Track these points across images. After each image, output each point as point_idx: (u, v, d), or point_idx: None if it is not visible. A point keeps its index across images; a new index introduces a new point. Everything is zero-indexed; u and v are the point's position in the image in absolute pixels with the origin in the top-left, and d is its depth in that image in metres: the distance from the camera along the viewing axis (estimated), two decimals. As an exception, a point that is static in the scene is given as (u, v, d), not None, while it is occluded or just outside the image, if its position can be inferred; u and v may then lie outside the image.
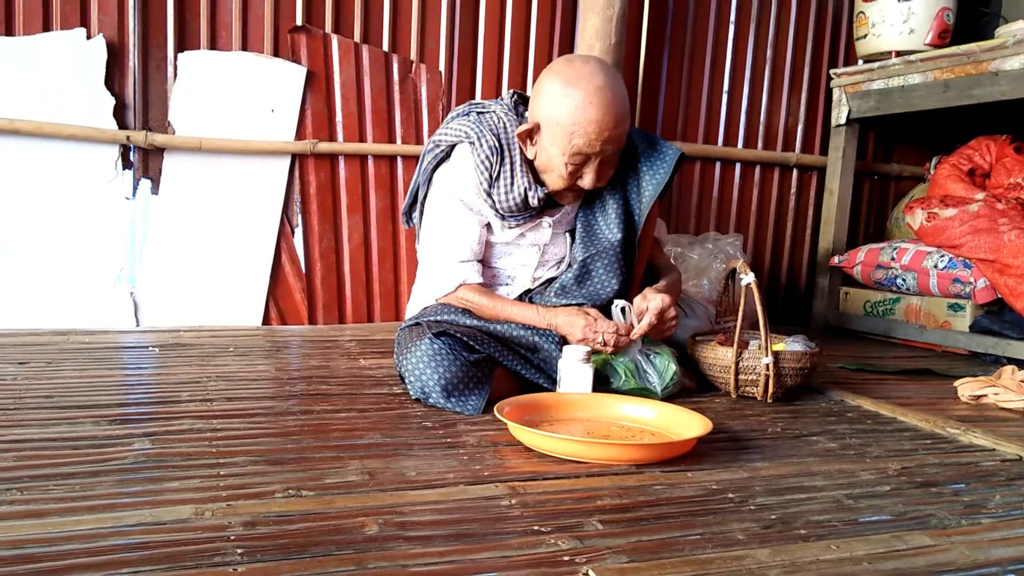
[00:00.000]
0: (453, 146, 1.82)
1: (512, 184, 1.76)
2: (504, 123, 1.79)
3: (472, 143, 1.77)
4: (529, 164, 1.78)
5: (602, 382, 1.69)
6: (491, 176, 1.76)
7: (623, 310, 1.73)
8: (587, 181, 1.73)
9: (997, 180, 2.83)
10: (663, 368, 1.72)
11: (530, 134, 1.73)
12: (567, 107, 1.65)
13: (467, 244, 1.81)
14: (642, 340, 1.74)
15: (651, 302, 1.71)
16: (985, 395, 1.91)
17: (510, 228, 1.83)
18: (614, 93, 1.66)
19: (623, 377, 1.68)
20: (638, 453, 1.31)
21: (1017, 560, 0.98)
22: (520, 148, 1.78)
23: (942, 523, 1.09)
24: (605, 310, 1.79)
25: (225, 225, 2.59)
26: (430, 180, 1.87)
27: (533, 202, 1.77)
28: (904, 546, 1.00)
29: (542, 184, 1.78)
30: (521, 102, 1.86)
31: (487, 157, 1.76)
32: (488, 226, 1.84)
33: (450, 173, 1.81)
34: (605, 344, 1.69)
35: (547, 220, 1.85)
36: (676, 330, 1.79)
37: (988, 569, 0.95)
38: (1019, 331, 2.49)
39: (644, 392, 1.68)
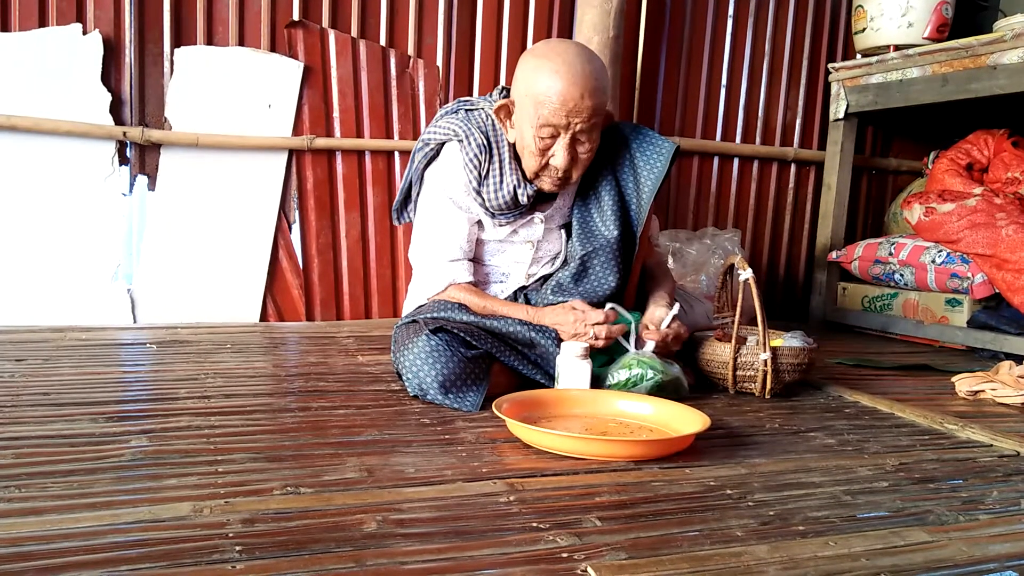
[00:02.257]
0: (442, 144, 1.81)
1: (501, 182, 1.76)
2: (493, 120, 1.79)
3: (460, 141, 1.77)
4: (518, 161, 1.78)
5: (627, 389, 1.67)
6: (480, 174, 1.76)
7: (614, 311, 1.73)
8: (559, 159, 1.70)
9: (995, 175, 2.83)
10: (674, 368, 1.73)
11: (508, 112, 1.74)
12: (534, 78, 1.66)
13: (456, 243, 1.81)
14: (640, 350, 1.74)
15: (675, 326, 1.74)
16: (983, 391, 1.91)
17: (501, 226, 1.83)
18: (583, 67, 1.65)
19: (661, 370, 1.66)
20: (636, 449, 1.31)
21: (1015, 556, 0.98)
22: (508, 144, 1.78)
23: (940, 519, 1.09)
24: (603, 307, 1.78)
25: (222, 221, 2.58)
26: (422, 179, 1.87)
27: (523, 199, 1.77)
28: (902, 542, 1.00)
29: (531, 181, 1.78)
30: None
31: (476, 155, 1.75)
32: (479, 224, 1.84)
33: (440, 172, 1.81)
34: (596, 338, 1.68)
35: (538, 216, 1.84)
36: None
37: (986, 565, 0.95)
38: (1017, 326, 2.49)
39: (675, 384, 1.68)
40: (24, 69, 2.37)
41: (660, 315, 1.76)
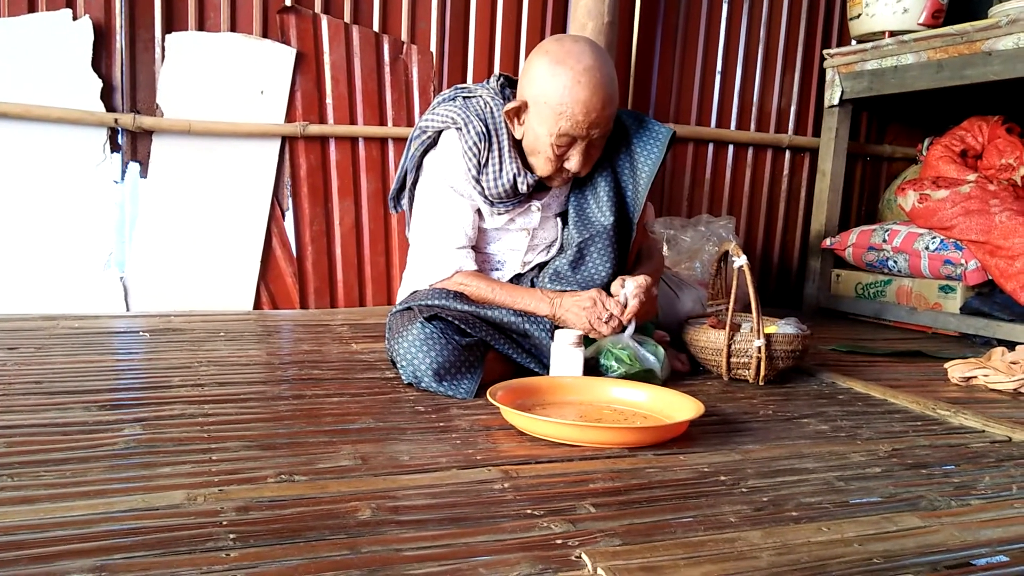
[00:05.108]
0: (440, 132, 1.80)
1: (501, 171, 1.75)
2: (491, 108, 1.77)
3: (459, 129, 1.76)
4: (518, 149, 1.77)
5: (599, 374, 1.68)
6: (479, 163, 1.75)
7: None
8: (573, 164, 1.72)
9: (989, 161, 2.84)
10: (654, 351, 1.72)
11: (517, 112, 1.72)
12: (555, 87, 1.64)
13: (461, 230, 1.80)
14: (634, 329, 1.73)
15: (630, 283, 1.70)
16: (975, 377, 1.92)
17: (499, 215, 1.82)
18: (602, 74, 1.64)
19: (628, 362, 1.66)
20: (630, 436, 1.31)
21: (1006, 541, 0.99)
22: (508, 133, 1.76)
23: (932, 504, 1.10)
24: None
25: (215, 209, 2.57)
26: (419, 166, 1.86)
27: (522, 188, 1.76)
28: (894, 527, 1.01)
29: (531, 169, 1.77)
30: (508, 84, 1.84)
31: (475, 144, 1.74)
32: (478, 212, 1.83)
33: (438, 160, 1.80)
34: (611, 319, 1.68)
35: (535, 204, 1.84)
36: (658, 311, 1.78)
37: (978, 550, 0.95)
38: (1009, 312, 2.50)
39: (647, 375, 1.68)
40: (14, 55, 2.34)
41: (617, 287, 1.72)
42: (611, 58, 2.60)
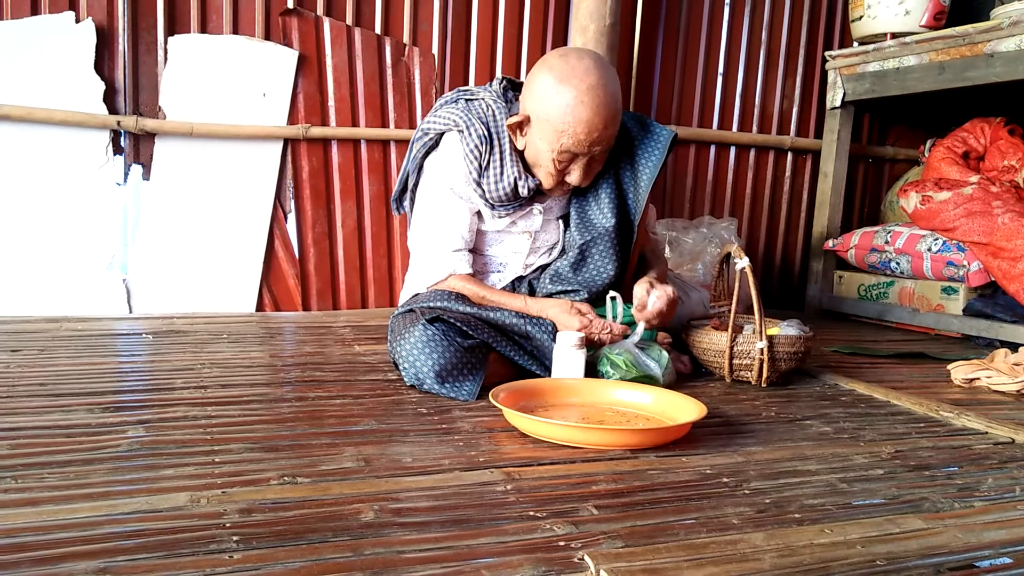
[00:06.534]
0: (442, 134, 1.80)
1: (502, 174, 1.75)
2: (493, 111, 1.77)
3: (461, 132, 1.76)
4: (519, 153, 1.77)
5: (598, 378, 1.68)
6: (480, 166, 1.75)
7: (614, 299, 1.73)
8: (574, 178, 1.73)
9: (991, 163, 2.83)
10: (658, 356, 1.72)
11: (520, 126, 1.72)
12: (558, 105, 1.63)
13: (458, 233, 1.80)
14: (642, 335, 1.73)
15: (658, 290, 1.71)
16: (978, 378, 1.92)
17: (500, 217, 1.82)
18: (606, 92, 1.64)
19: (624, 368, 1.66)
20: (633, 438, 1.31)
21: (1009, 543, 0.98)
22: (510, 137, 1.76)
23: (935, 506, 1.10)
24: (601, 297, 1.78)
25: (217, 211, 2.57)
26: (420, 168, 1.86)
27: (523, 192, 1.77)
28: (897, 529, 1.01)
29: (532, 174, 1.77)
30: (511, 87, 1.84)
31: (476, 147, 1.74)
32: (478, 214, 1.83)
33: (440, 162, 1.80)
34: (599, 343, 1.69)
35: (537, 207, 1.84)
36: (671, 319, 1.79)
37: (981, 552, 0.95)
38: (1012, 314, 2.50)
39: (647, 380, 1.68)
40: (17, 58, 2.35)
41: (639, 293, 1.73)
42: (614, 65, 2.60)
